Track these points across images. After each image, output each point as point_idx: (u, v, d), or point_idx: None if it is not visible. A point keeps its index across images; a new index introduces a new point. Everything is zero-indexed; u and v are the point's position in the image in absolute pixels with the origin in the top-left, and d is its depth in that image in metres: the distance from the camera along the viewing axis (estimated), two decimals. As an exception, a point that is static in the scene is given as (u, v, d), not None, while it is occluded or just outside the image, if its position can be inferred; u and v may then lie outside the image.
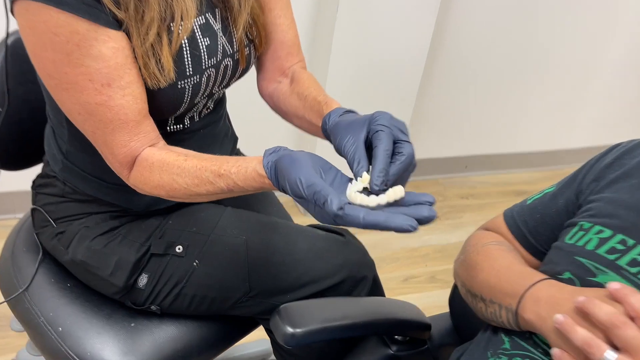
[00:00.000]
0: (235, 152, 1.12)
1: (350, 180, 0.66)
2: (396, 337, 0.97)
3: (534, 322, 0.68)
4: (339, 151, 0.69)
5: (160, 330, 0.96)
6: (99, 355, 0.92)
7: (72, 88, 0.72)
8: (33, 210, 1.00)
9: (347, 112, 0.78)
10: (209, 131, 0.96)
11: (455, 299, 1.00)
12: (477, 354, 0.79)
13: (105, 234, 0.93)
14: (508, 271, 0.77)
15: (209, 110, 0.94)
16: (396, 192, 0.62)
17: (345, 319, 0.87)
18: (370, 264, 1.01)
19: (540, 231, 0.82)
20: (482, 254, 0.82)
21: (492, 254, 0.81)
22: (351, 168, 0.66)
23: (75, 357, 0.92)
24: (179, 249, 0.93)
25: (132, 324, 0.95)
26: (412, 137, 0.69)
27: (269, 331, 1.01)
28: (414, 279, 1.96)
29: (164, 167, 0.75)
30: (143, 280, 0.93)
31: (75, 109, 0.75)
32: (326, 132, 0.78)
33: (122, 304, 0.97)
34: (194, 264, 0.93)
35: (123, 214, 0.95)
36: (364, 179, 0.64)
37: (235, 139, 1.09)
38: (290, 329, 0.82)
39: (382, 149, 0.64)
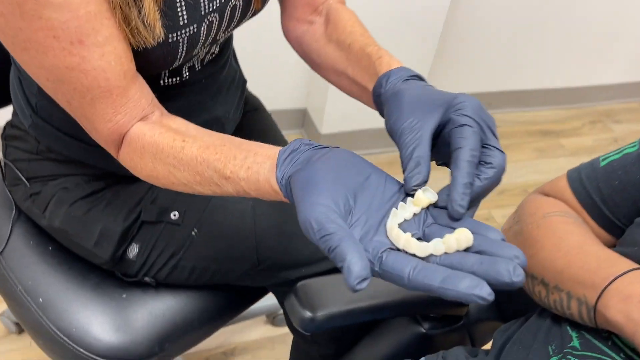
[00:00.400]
0: (244, 98, 0.95)
1: (402, 197, 0.47)
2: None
3: (621, 324, 0.54)
4: (392, 133, 0.51)
5: (157, 301, 0.83)
6: (86, 331, 0.79)
7: (32, 48, 0.53)
8: (3, 163, 0.85)
9: (413, 78, 0.58)
10: (212, 80, 0.78)
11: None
12: (534, 346, 0.65)
13: (86, 197, 0.78)
14: (581, 253, 0.62)
15: (213, 55, 0.76)
16: (461, 240, 0.42)
17: (373, 298, 0.73)
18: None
19: (618, 201, 0.66)
20: (544, 228, 0.67)
21: (558, 230, 0.66)
22: (403, 169, 0.48)
23: (58, 332, 0.79)
24: (174, 215, 0.78)
25: (124, 295, 0.82)
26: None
27: (281, 304, 0.88)
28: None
29: (158, 155, 0.58)
30: (133, 250, 0.79)
31: (42, 74, 0.56)
32: (378, 100, 0.59)
33: (112, 272, 0.83)
34: (192, 232, 0.78)
35: (107, 175, 0.79)
36: (418, 201, 0.46)
37: (243, 82, 0.92)
38: (309, 313, 0.68)
39: (469, 153, 0.46)
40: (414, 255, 0.43)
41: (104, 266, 0.81)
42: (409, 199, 0.47)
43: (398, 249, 0.44)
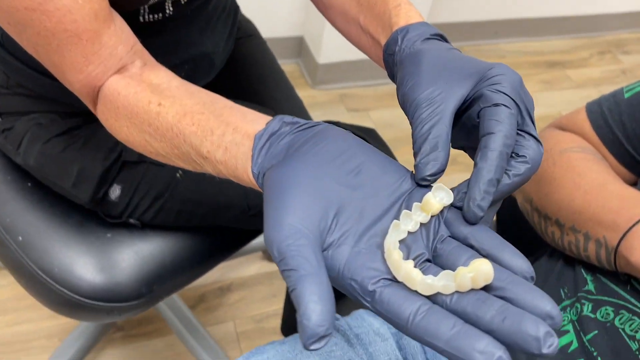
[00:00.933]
0: (237, 25, 0.87)
1: (409, 188, 0.38)
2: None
3: (645, 269, 0.50)
4: (405, 103, 0.41)
5: (143, 242, 0.78)
6: (69, 271, 0.75)
7: None
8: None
9: (435, 37, 0.47)
10: (199, 13, 0.69)
11: (505, 208, 0.81)
12: (544, 289, 0.61)
13: (62, 135, 0.72)
14: (602, 192, 0.57)
15: None
16: (478, 280, 0.32)
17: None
18: None
19: (643, 136, 0.61)
20: (561, 165, 0.62)
21: (577, 167, 0.60)
22: (415, 151, 0.38)
23: (39, 272, 0.75)
24: None
25: (109, 235, 0.77)
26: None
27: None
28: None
29: (133, 118, 0.50)
30: (115, 192, 0.73)
31: (2, 16, 0.48)
32: (390, 59, 0.48)
33: (95, 211, 0.78)
34: (177, 174, 0.73)
35: (84, 112, 0.73)
36: (427, 206, 0.36)
37: (235, 9, 0.84)
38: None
39: (501, 142, 0.36)
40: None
41: (86, 206, 0.76)
42: (416, 204, 0.37)
43: (391, 279, 0.34)
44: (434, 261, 0.36)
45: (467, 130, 0.41)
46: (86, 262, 0.75)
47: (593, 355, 0.53)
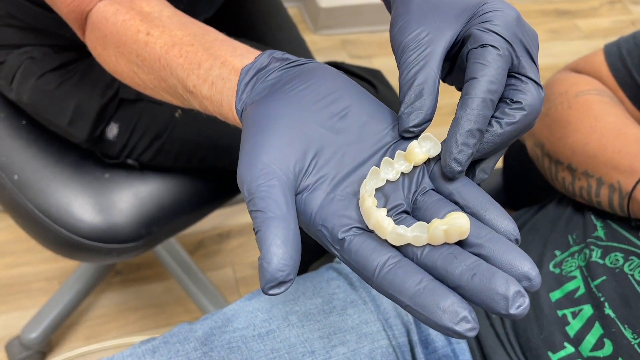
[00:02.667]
0: None
1: (394, 140, 0.35)
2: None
3: (661, 214, 0.49)
4: (393, 48, 0.37)
5: (142, 183, 0.76)
6: (67, 211, 0.74)
7: None
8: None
9: None
10: None
11: (512, 154, 0.80)
12: (552, 235, 0.60)
13: (56, 70, 0.69)
14: (619, 136, 0.55)
15: None
16: (451, 234, 0.30)
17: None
18: None
19: (663, 79, 0.58)
20: (577, 108, 0.59)
21: (593, 110, 0.58)
22: (400, 100, 0.35)
23: (37, 211, 0.74)
24: None
25: (106, 175, 0.76)
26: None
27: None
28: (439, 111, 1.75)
29: (120, 47, 0.47)
30: (113, 130, 0.71)
31: None
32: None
33: (92, 151, 0.76)
34: (176, 114, 0.70)
35: (79, 45, 0.69)
36: (411, 155, 0.33)
37: None
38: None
39: (484, 87, 0.33)
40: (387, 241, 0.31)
41: (83, 145, 0.74)
42: (399, 152, 0.34)
43: (363, 228, 0.32)
44: (413, 214, 0.34)
45: (462, 73, 0.36)
46: (84, 203, 0.74)
47: (600, 301, 0.52)
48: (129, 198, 0.75)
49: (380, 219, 0.31)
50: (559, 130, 0.59)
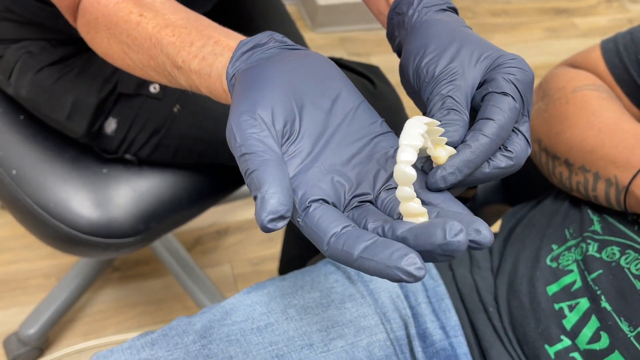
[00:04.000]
0: None
1: (379, 132, 0.37)
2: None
3: (656, 208, 0.49)
4: (411, 90, 0.40)
5: (140, 178, 0.76)
6: (65, 206, 0.74)
7: None
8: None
9: (451, 10, 0.44)
10: None
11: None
12: (549, 229, 0.60)
13: (54, 64, 0.69)
14: (616, 131, 0.55)
15: None
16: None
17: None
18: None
19: (659, 75, 0.59)
20: (575, 104, 0.60)
21: (591, 105, 0.59)
22: (427, 109, 0.37)
23: (35, 206, 0.74)
24: (154, 88, 0.70)
25: (105, 170, 0.76)
26: None
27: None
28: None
29: (112, 29, 0.47)
30: (111, 125, 0.71)
31: None
32: (397, 19, 0.44)
33: (91, 146, 0.76)
34: (175, 109, 0.70)
35: (77, 39, 0.70)
36: (428, 122, 0.33)
37: None
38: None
39: (496, 130, 0.35)
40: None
41: (81, 140, 0.74)
42: (412, 123, 0.33)
43: (329, 203, 0.33)
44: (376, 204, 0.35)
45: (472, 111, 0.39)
46: (82, 198, 0.74)
47: (597, 294, 0.52)
48: (127, 193, 0.75)
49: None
50: (557, 126, 0.60)
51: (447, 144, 0.35)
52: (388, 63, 0.97)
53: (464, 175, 0.34)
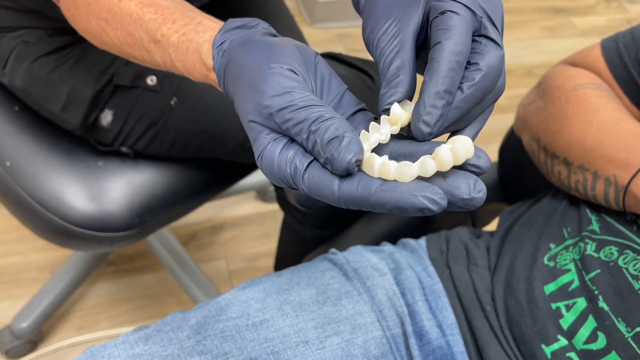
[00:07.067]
0: None
1: (374, 118, 0.36)
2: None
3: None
4: (369, 47, 0.37)
5: (136, 172, 0.76)
6: (59, 198, 0.73)
7: None
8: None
9: None
10: None
11: (508, 148, 0.80)
12: (546, 228, 0.60)
13: (50, 54, 0.68)
14: (615, 130, 0.55)
15: None
16: (459, 152, 0.31)
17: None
18: None
19: (660, 74, 0.58)
20: (575, 102, 0.59)
21: (591, 104, 0.58)
22: (382, 86, 0.35)
23: (29, 198, 0.73)
24: (151, 80, 0.69)
25: (100, 163, 0.75)
26: None
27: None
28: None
29: (92, 4, 0.47)
30: (107, 117, 0.70)
31: None
32: (357, 6, 0.43)
33: (86, 138, 0.75)
34: (172, 102, 0.70)
35: (73, 29, 0.69)
36: (394, 117, 0.34)
37: None
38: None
39: (450, 50, 0.33)
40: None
41: (76, 132, 0.73)
42: (383, 117, 0.34)
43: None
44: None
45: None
46: (77, 190, 0.73)
47: (594, 294, 0.52)
48: (122, 186, 0.75)
49: (381, 161, 0.32)
50: (556, 124, 0.59)
51: (402, 102, 0.34)
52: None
53: (442, 108, 0.33)
